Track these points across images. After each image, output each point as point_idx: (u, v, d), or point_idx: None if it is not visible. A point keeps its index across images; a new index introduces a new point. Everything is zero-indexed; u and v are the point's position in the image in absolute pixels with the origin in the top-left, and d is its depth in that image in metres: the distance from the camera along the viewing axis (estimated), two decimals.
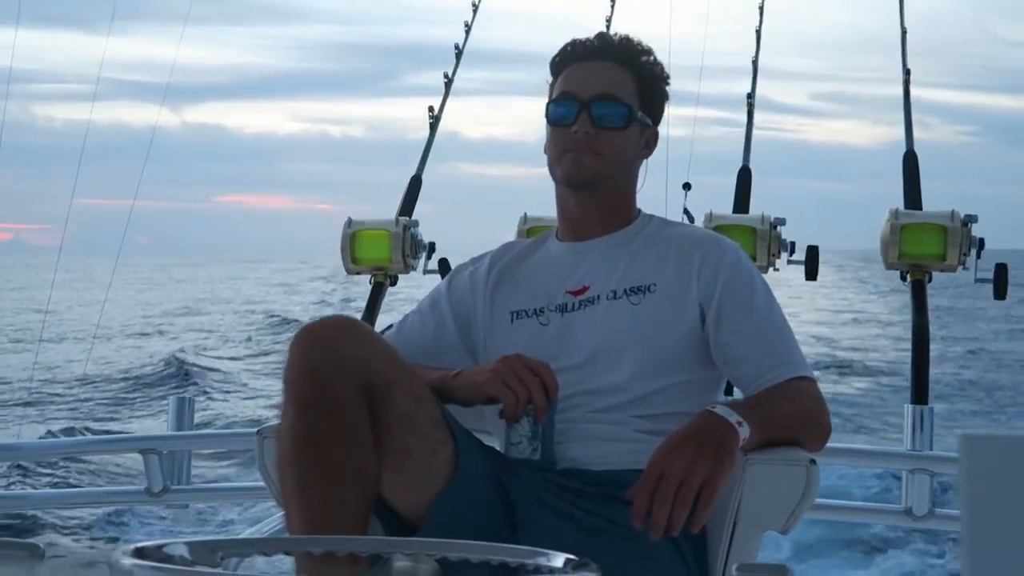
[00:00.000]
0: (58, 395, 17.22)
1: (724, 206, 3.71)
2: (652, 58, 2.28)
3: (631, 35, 2.30)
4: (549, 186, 2.29)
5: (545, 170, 2.27)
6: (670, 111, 2.34)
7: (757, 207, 3.75)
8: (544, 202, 2.33)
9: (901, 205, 3.54)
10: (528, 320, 2.22)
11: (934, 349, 3.59)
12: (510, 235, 2.44)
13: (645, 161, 2.31)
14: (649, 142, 2.29)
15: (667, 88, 2.31)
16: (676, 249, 2.20)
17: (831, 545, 7.81)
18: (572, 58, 2.25)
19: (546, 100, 2.26)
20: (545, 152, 2.25)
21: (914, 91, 3.97)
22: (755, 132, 4.09)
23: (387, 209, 3.89)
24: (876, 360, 20.89)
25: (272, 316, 30.04)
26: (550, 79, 2.28)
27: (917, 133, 3.85)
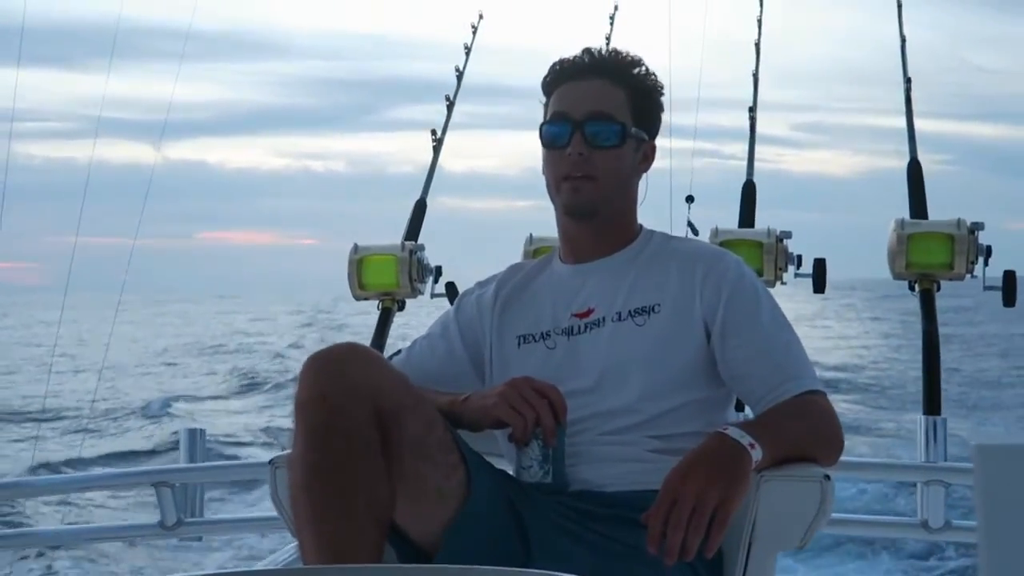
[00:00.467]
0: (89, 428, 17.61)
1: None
2: (643, 69, 2.24)
3: (619, 48, 2.29)
4: (531, 220, 2.29)
5: (526, 203, 2.28)
6: (672, 143, 2.32)
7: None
8: (525, 234, 2.31)
9: (892, 226, 3.49)
10: (535, 344, 2.21)
11: (915, 368, 3.60)
12: (493, 268, 2.41)
13: (645, 175, 2.28)
14: (647, 156, 2.27)
15: (662, 99, 2.28)
16: (678, 266, 2.18)
17: (828, 540, 7.77)
18: (562, 77, 2.23)
19: (538, 125, 2.23)
20: (543, 174, 2.24)
21: (888, 120, 3.97)
22: (733, 163, 4.09)
23: (373, 243, 3.91)
24: (863, 378, 21.36)
25: (277, 356, 30.35)
26: (543, 99, 2.26)
27: (892, 162, 3.83)
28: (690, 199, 3.78)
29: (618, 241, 2.24)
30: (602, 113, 2.18)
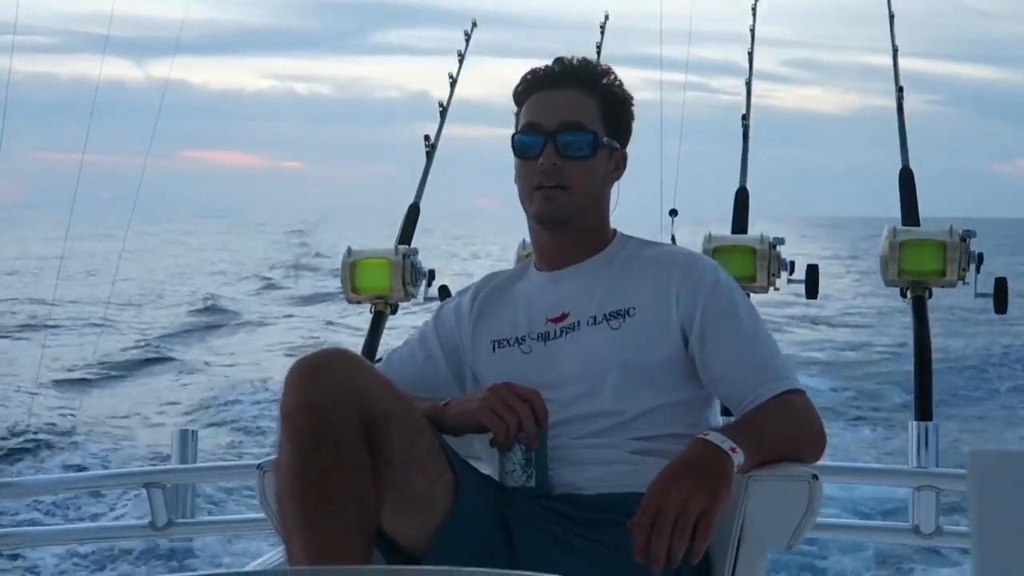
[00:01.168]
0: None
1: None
2: (613, 78, 2.26)
3: (589, 58, 2.30)
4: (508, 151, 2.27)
5: (510, 130, 2.25)
6: (662, 76, 2.30)
7: (723, 172, 3.72)
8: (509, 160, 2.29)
9: (884, 233, 3.49)
10: (510, 349, 2.22)
11: (896, 299, 3.57)
12: (478, 198, 2.41)
13: (616, 182, 2.29)
14: (618, 164, 2.28)
15: (632, 107, 2.29)
16: (653, 271, 2.19)
17: None
18: (534, 87, 2.24)
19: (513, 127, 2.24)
20: (515, 183, 2.24)
21: (877, 58, 3.95)
22: (723, 98, 4.10)
23: (357, 169, 3.90)
24: (847, 308, 23.37)
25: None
26: (515, 109, 2.27)
27: (880, 100, 3.83)
28: (673, 212, 3.79)
29: (591, 247, 2.25)
30: (574, 123, 2.19)
